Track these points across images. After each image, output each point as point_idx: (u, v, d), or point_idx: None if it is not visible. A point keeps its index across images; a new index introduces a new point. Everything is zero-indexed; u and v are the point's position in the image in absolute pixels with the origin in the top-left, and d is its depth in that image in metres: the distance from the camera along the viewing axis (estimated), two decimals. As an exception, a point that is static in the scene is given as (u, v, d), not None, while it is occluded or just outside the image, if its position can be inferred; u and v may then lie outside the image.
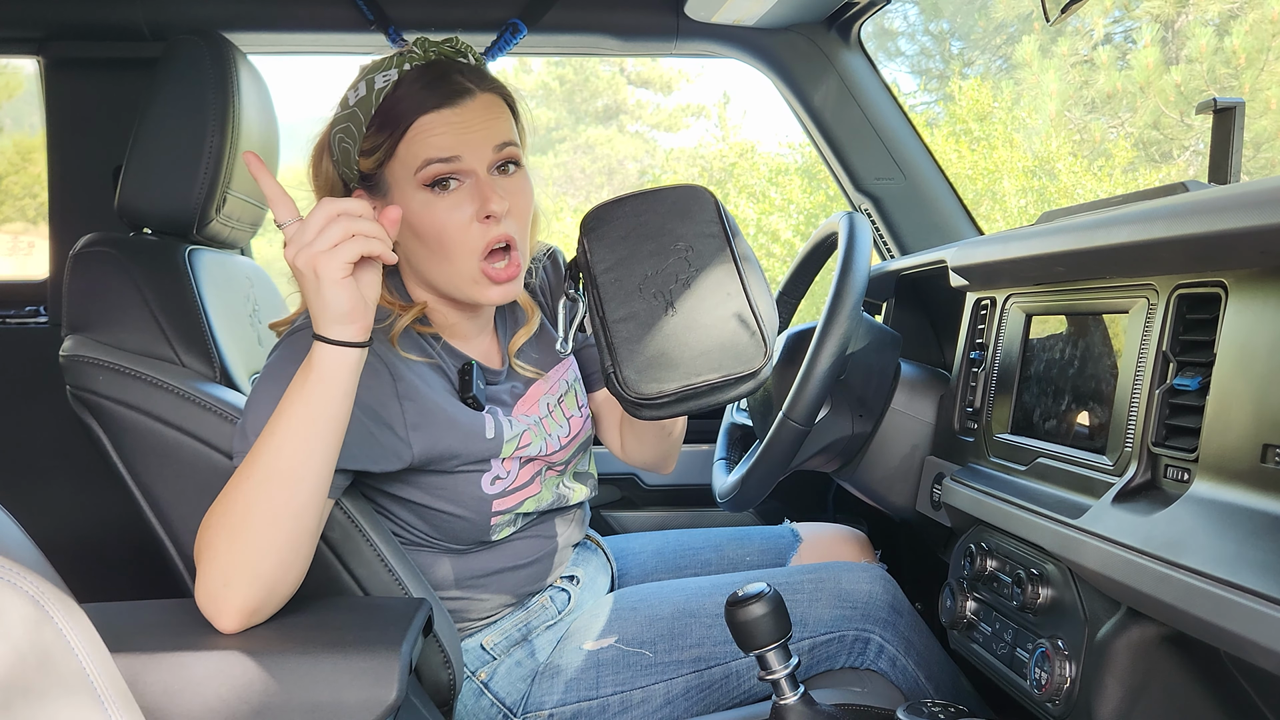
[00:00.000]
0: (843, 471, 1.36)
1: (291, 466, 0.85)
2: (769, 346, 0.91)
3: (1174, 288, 0.81)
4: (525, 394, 1.16)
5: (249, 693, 0.81)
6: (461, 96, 1.01)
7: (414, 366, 1.04)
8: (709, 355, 0.91)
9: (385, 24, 1.67)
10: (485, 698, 1.13)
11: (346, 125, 1.04)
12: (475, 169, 1.01)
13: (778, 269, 8.35)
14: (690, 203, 0.96)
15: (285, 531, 0.86)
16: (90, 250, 1.13)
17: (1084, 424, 0.93)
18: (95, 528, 1.74)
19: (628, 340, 0.92)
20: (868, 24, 1.77)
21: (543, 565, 1.18)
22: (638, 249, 0.95)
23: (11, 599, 0.53)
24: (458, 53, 1.06)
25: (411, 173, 1.01)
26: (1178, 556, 0.69)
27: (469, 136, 1.01)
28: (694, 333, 0.91)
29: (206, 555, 0.86)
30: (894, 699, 1.15)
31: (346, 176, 1.07)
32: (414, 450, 1.02)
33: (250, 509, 0.85)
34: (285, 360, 0.95)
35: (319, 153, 1.08)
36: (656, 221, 0.96)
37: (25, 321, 1.81)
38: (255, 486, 0.85)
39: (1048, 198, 7.85)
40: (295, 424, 0.85)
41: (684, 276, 0.93)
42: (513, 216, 1.03)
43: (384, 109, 1.01)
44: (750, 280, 0.94)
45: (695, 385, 0.90)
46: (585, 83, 13.59)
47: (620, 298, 0.93)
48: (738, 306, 0.93)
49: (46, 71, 1.70)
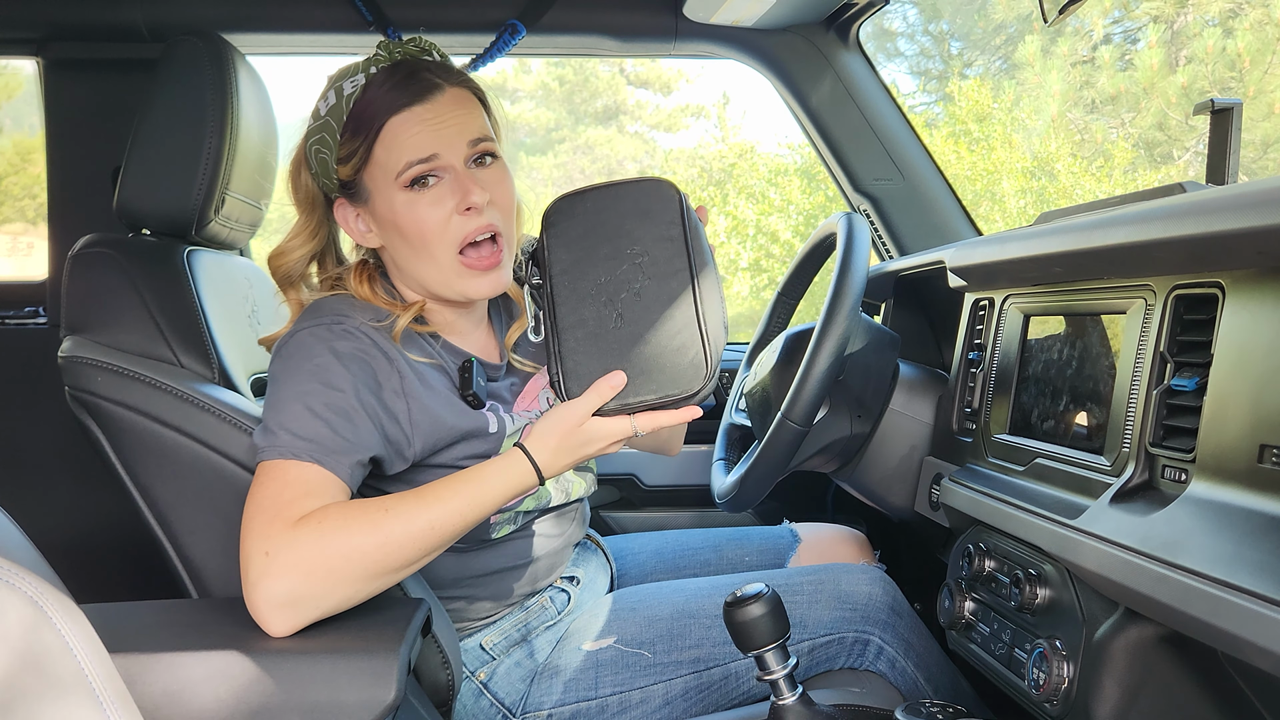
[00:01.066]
0: (841, 472, 1.36)
1: (431, 537, 0.92)
2: (710, 369, 0.92)
3: (1171, 288, 0.81)
4: (524, 389, 1.16)
5: (247, 693, 0.81)
6: (431, 92, 1.02)
7: (416, 365, 1.04)
8: (649, 376, 0.92)
9: (384, 25, 1.67)
10: (484, 698, 1.13)
11: (321, 135, 1.04)
12: (453, 164, 1.03)
13: (776, 269, 8.35)
14: (652, 200, 0.95)
15: (378, 587, 0.91)
16: (89, 251, 1.13)
17: (1082, 424, 0.93)
18: (94, 528, 1.74)
19: (574, 351, 0.92)
20: (866, 25, 1.77)
21: (543, 565, 1.18)
22: (594, 251, 0.94)
23: (10, 600, 0.53)
24: (422, 51, 1.07)
25: (391, 176, 1.02)
26: (1175, 557, 0.69)
27: (443, 132, 1.02)
28: (639, 349, 0.92)
29: (289, 571, 0.86)
30: (893, 700, 1.15)
31: (326, 187, 1.07)
32: (415, 447, 1.02)
33: (364, 566, 0.88)
34: (300, 357, 0.98)
35: (296, 167, 1.09)
36: (615, 221, 0.94)
37: (24, 322, 1.81)
38: (379, 549, 0.89)
39: (1047, 198, 7.85)
40: (457, 504, 0.93)
41: (636, 286, 0.92)
42: (495, 207, 1.04)
43: (355, 114, 1.02)
44: (703, 292, 0.93)
45: (631, 405, 0.92)
46: (585, 83, 13.59)
47: (572, 302, 0.93)
48: (685, 325, 0.92)
49: (46, 72, 1.70)
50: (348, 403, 0.96)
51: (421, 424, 1.02)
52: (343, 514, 0.89)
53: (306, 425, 0.94)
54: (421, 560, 0.93)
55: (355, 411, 0.96)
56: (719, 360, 0.93)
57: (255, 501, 0.91)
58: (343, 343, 0.99)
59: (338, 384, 0.96)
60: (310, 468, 0.92)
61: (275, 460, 0.93)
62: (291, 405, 0.95)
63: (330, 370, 0.97)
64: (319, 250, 1.11)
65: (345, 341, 0.99)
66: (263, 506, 0.90)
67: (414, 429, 1.02)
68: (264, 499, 0.90)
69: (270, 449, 0.93)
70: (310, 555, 0.86)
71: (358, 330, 1.01)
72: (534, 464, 0.95)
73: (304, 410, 0.94)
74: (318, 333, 0.99)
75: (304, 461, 0.92)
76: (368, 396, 0.98)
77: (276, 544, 0.87)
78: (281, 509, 0.89)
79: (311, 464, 0.92)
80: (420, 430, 1.02)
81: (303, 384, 0.96)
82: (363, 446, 0.96)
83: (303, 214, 1.09)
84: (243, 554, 0.88)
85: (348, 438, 0.95)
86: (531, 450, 0.96)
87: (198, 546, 1.04)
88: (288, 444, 0.93)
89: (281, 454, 0.93)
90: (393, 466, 1.03)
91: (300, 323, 1.02)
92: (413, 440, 1.02)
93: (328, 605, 0.88)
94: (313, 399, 0.95)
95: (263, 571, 0.86)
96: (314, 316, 1.02)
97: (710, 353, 0.92)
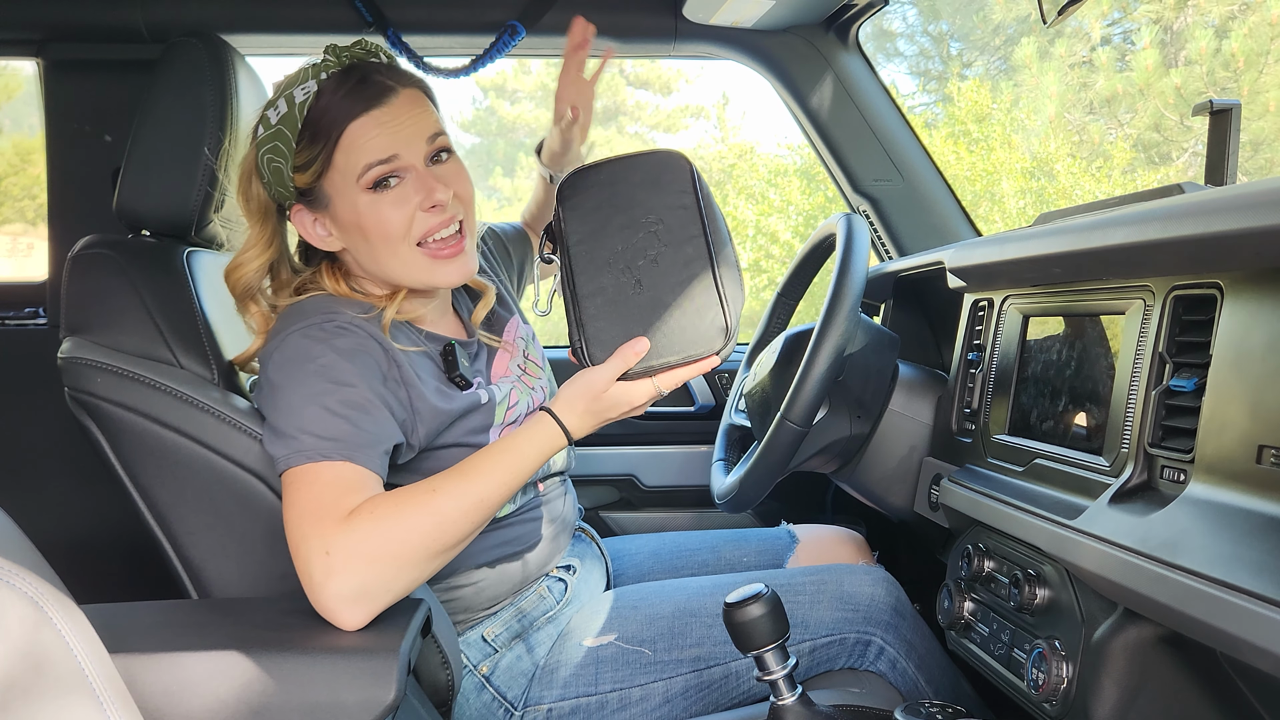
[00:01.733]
0: (841, 472, 1.36)
1: (481, 510, 0.95)
2: (731, 326, 0.95)
3: (1170, 289, 0.81)
4: (494, 361, 1.19)
5: (247, 693, 0.81)
6: (386, 95, 1.03)
7: (405, 355, 1.06)
8: (671, 338, 0.95)
9: (384, 26, 1.67)
10: (487, 692, 1.13)
11: (274, 144, 1.05)
12: (413, 163, 1.04)
13: (776, 270, 8.35)
14: (663, 171, 0.98)
15: (437, 566, 0.93)
16: (89, 252, 1.13)
17: (1081, 425, 0.93)
18: (93, 529, 1.74)
19: (595, 317, 0.95)
20: (866, 26, 1.77)
21: (541, 551, 1.18)
22: (609, 221, 0.96)
23: (10, 600, 0.53)
24: (369, 54, 1.08)
25: (353, 179, 1.03)
26: (1174, 557, 0.69)
27: (401, 133, 1.03)
28: (659, 312, 0.94)
29: (354, 564, 0.87)
30: (892, 700, 1.15)
31: (280, 196, 1.08)
32: (420, 434, 1.04)
33: (424, 546, 0.90)
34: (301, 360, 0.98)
35: (247, 177, 1.09)
36: (628, 192, 0.97)
37: (24, 323, 1.81)
38: (436, 528, 0.91)
39: (1046, 199, 7.86)
40: (500, 475, 0.96)
41: (653, 253, 0.95)
42: (458, 200, 1.07)
43: (311, 121, 1.03)
44: (719, 256, 0.96)
45: (655, 368, 0.96)
46: (584, 84, 13.56)
47: (590, 271, 0.95)
48: (703, 288, 0.95)
49: (46, 73, 1.70)
50: (362, 396, 0.97)
51: (422, 410, 1.03)
52: (394, 501, 0.91)
53: (328, 425, 0.94)
54: (472, 534, 0.96)
55: (371, 404, 0.97)
56: (739, 319, 0.96)
57: (298, 507, 0.91)
58: (341, 339, 1.00)
59: (348, 380, 0.97)
60: (343, 465, 0.93)
61: (304, 465, 0.93)
62: (307, 408, 0.95)
63: (337, 368, 0.97)
64: (275, 259, 1.11)
65: (344, 338, 1.00)
66: (308, 510, 0.90)
67: (416, 416, 1.03)
68: (306, 503, 0.91)
69: (296, 454, 0.93)
70: (372, 545, 0.88)
71: (351, 325, 1.01)
72: (563, 427, 0.99)
73: (321, 411, 0.95)
74: (312, 333, 1.00)
75: (335, 461, 0.93)
76: (378, 387, 0.99)
77: (335, 542, 0.87)
78: (328, 509, 0.89)
79: (343, 461, 0.93)
80: (422, 416, 1.03)
81: (312, 386, 0.96)
82: (385, 437, 0.97)
83: (255, 225, 1.10)
84: (300, 560, 0.88)
85: (370, 430, 0.96)
86: (559, 414, 0.99)
87: (197, 547, 1.04)
88: (313, 446, 0.93)
89: (309, 457, 0.93)
90: (401, 455, 1.03)
91: (287, 326, 1.02)
92: (417, 427, 1.03)
93: (397, 590, 0.90)
94: (327, 398, 0.95)
95: (327, 571, 0.87)
96: (301, 318, 1.02)
97: (729, 313, 0.95)
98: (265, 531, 1.02)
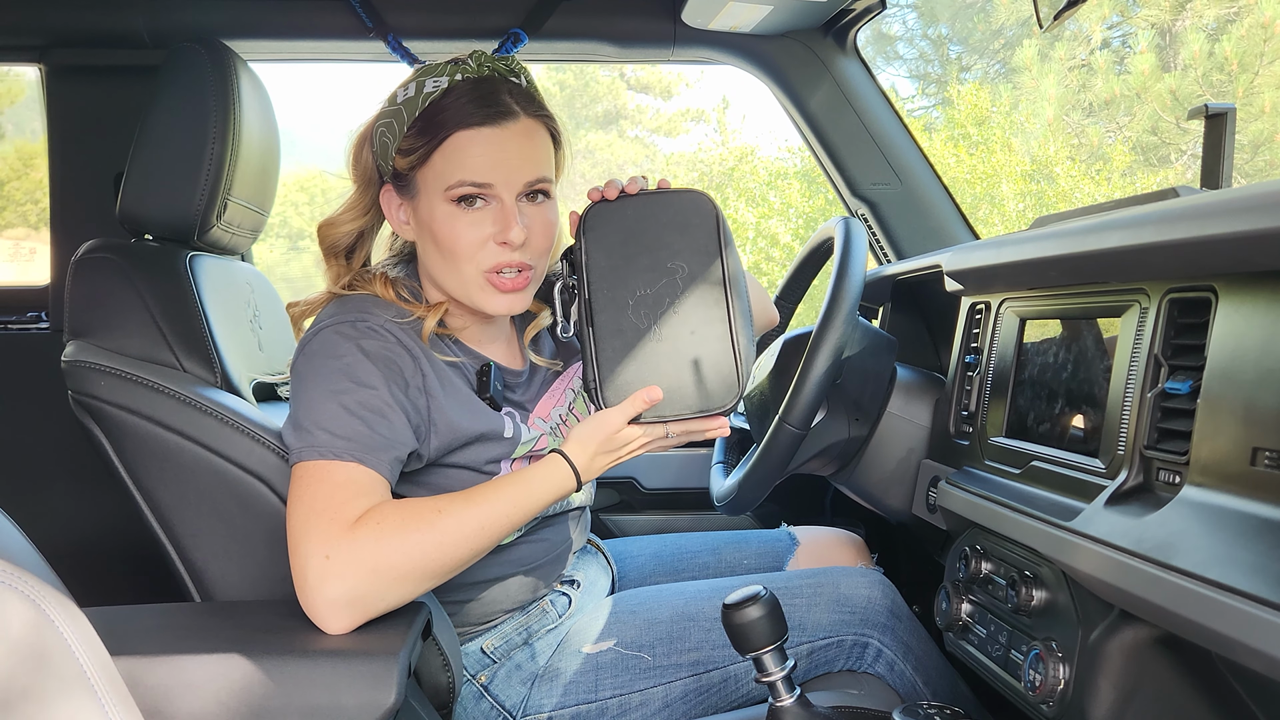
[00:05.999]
0: (839, 475, 1.37)
1: (483, 537, 0.95)
2: (741, 386, 0.97)
3: (1165, 292, 0.81)
4: (541, 400, 1.17)
5: (248, 696, 0.82)
6: (505, 118, 1.03)
7: (438, 364, 1.06)
8: (683, 391, 0.97)
9: (384, 31, 1.68)
10: (485, 700, 1.14)
11: (390, 121, 1.06)
12: (502, 195, 1.03)
13: (776, 272, 8.36)
14: (691, 214, 0.99)
15: (430, 585, 0.94)
16: (92, 256, 1.14)
17: (1077, 427, 0.93)
18: (96, 532, 1.74)
19: (611, 360, 0.96)
20: (864, 30, 1.78)
21: (545, 571, 1.18)
22: (633, 260, 0.97)
23: (12, 602, 0.54)
24: (511, 72, 1.07)
25: (442, 186, 1.03)
26: (1169, 559, 0.69)
27: (504, 162, 1.02)
28: (673, 364, 0.96)
29: (351, 572, 0.88)
30: (891, 701, 1.15)
31: (382, 169, 1.09)
32: (431, 445, 1.04)
33: (423, 564, 0.91)
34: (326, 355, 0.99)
35: (361, 142, 1.10)
36: (654, 231, 0.98)
37: (27, 327, 1.81)
38: (437, 548, 0.92)
39: (1046, 201, 7.86)
40: (504, 506, 0.97)
41: (673, 301, 0.96)
42: (530, 247, 1.05)
43: (427, 114, 1.03)
44: (735, 311, 0.97)
45: (666, 417, 0.98)
46: (585, 88, 13.61)
47: (611, 310, 0.97)
48: (719, 342, 0.97)
49: (48, 78, 1.71)
50: (381, 399, 0.97)
51: (439, 423, 1.03)
52: (399, 515, 0.91)
53: (344, 424, 0.94)
54: (471, 560, 0.96)
55: (390, 409, 0.97)
56: (749, 377, 0.98)
57: (305, 504, 0.91)
58: (369, 341, 1.00)
59: (369, 382, 0.97)
60: (354, 467, 0.93)
61: (316, 460, 0.93)
62: (326, 404, 0.95)
63: (360, 368, 0.98)
64: (367, 228, 1.13)
65: (371, 340, 1.00)
66: (315, 509, 0.90)
67: (432, 427, 1.03)
68: (314, 501, 0.91)
69: (309, 448, 0.94)
70: (371, 557, 0.88)
71: (381, 328, 1.02)
72: (573, 468, 0.99)
73: (339, 409, 0.95)
74: (343, 329, 1.01)
75: (346, 461, 0.93)
76: (398, 393, 0.99)
77: (336, 547, 0.88)
78: (335, 511, 0.90)
79: (354, 463, 0.93)
80: (438, 428, 1.03)
81: (334, 382, 0.97)
82: (399, 443, 0.98)
83: (358, 188, 1.11)
84: (298, 557, 0.89)
85: (385, 435, 0.96)
86: (570, 455, 0.99)
87: (200, 550, 1.05)
88: (327, 443, 0.94)
89: (322, 454, 0.93)
90: (409, 464, 1.03)
91: (326, 317, 1.03)
92: (430, 437, 1.03)
93: (389, 602, 0.90)
94: (346, 397, 0.96)
95: (323, 574, 0.87)
96: (338, 313, 1.03)
97: (741, 372, 0.97)
98: (267, 534, 1.03)
